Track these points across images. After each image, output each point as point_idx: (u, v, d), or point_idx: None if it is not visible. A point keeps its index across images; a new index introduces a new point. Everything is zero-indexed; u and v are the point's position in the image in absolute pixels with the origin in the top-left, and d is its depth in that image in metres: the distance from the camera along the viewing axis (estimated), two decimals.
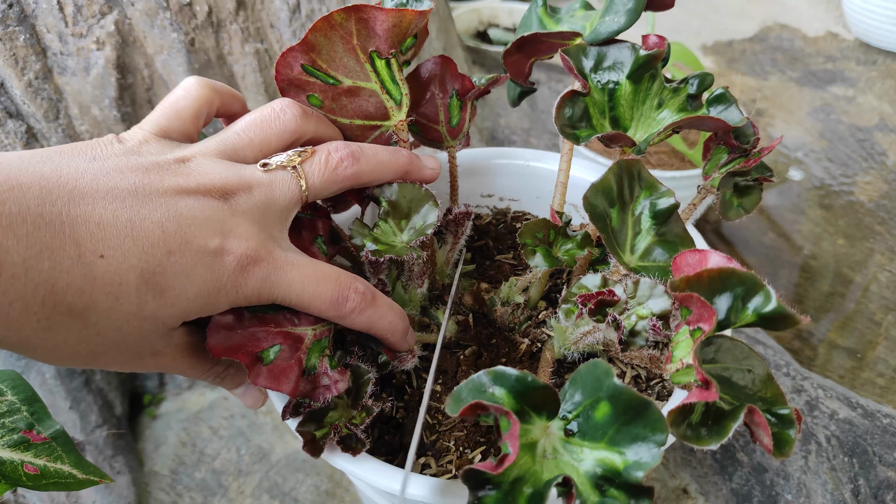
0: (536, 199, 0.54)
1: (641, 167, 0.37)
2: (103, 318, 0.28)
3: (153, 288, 0.28)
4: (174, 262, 0.29)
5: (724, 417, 0.28)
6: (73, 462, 0.37)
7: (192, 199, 0.30)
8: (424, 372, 0.42)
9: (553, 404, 0.28)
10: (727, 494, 0.59)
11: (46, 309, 0.26)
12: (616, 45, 0.39)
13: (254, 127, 0.35)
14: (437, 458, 0.37)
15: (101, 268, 0.27)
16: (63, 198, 0.27)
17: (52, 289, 0.26)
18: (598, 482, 0.26)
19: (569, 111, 0.38)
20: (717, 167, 0.40)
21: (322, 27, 0.36)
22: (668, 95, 0.39)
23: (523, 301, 0.43)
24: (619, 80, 0.39)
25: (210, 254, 0.30)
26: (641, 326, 0.32)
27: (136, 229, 0.28)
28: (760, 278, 0.27)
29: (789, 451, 0.27)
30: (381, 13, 0.36)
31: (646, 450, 0.25)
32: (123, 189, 0.29)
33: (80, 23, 0.60)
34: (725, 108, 0.38)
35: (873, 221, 0.95)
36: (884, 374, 0.75)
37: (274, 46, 0.70)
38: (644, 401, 0.26)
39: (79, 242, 0.27)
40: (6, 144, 0.62)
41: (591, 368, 0.27)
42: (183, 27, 0.64)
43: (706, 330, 0.27)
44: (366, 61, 0.38)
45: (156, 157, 0.31)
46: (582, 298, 0.34)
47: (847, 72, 1.28)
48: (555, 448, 0.28)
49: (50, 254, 0.26)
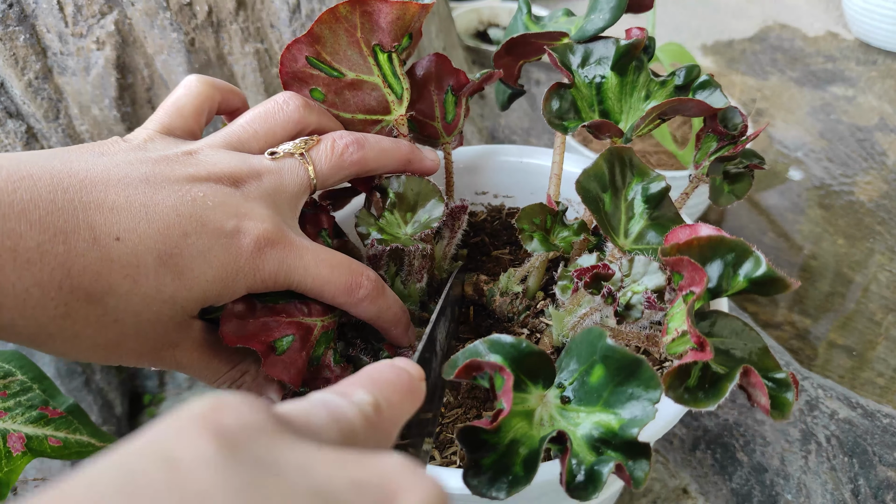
0: (531, 195, 0.54)
1: (632, 154, 0.38)
2: (122, 303, 0.27)
3: (171, 269, 0.28)
4: (191, 244, 0.29)
5: (721, 379, 0.28)
6: (90, 432, 0.40)
7: (204, 186, 0.30)
8: None
9: (549, 372, 0.28)
10: (727, 494, 0.60)
11: (63, 294, 0.26)
12: (601, 41, 0.40)
13: (258, 119, 0.35)
14: (440, 449, 0.38)
15: (118, 250, 0.27)
16: (74, 186, 0.27)
17: (68, 273, 0.26)
18: (595, 444, 0.26)
19: (556, 103, 0.39)
20: (706, 155, 0.41)
21: (327, 19, 0.36)
22: (655, 87, 0.40)
23: (521, 291, 0.43)
24: (605, 74, 0.39)
25: (227, 235, 0.30)
26: (636, 300, 0.32)
27: (151, 212, 0.28)
28: (749, 244, 0.28)
29: (787, 412, 0.28)
30: (386, 5, 0.36)
31: (640, 407, 0.26)
32: (135, 178, 0.29)
33: (80, 23, 0.60)
34: (710, 94, 0.38)
35: (873, 221, 0.95)
36: (884, 374, 0.75)
37: (274, 46, 0.70)
38: (636, 358, 0.26)
39: (93, 226, 0.26)
40: (6, 144, 0.62)
41: (586, 334, 0.28)
42: (183, 27, 0.64)
43: (697, 292, 0.27)
44: (369, 55, 0.38)
45: (163, 152, 0.31)
46: (577, 272, 0.34)
47: (847, 72, 1.28)
48: (551, 416, 0.28)
49: (64, 238, 0.26)
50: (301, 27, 0.70)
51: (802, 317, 0.83)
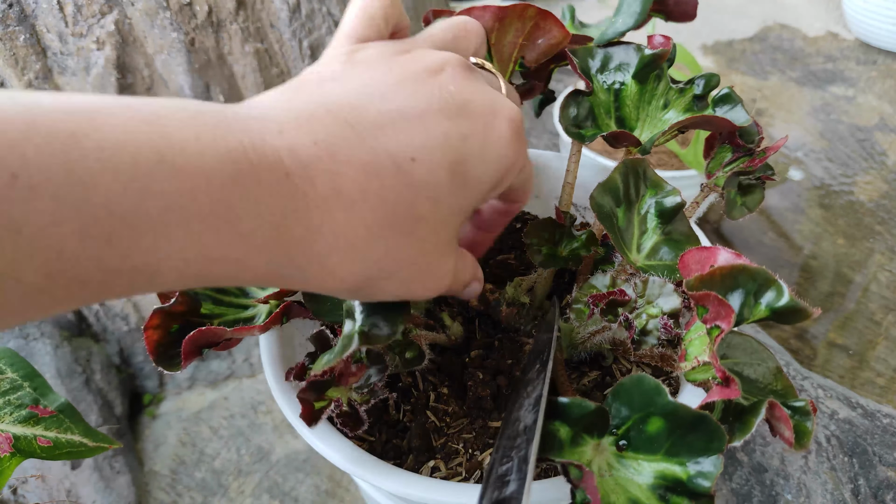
0: (535, 198, 0.54)
1: (647, 166, 0.37)
2: (426, 229, 0.26)
3: (460, 179, 0.27)
4: (469, 146, 0.27)
5: (745, 413, 0.28)
6: (82, 432, 0.38)
7: (445, 77, 0.28)
8: (430, 375, 0.42)
9: (603, 422, 0.28)
10: (727, 494, 0.59)
11: (384, 230, 0.25)
12: (622, 46, 0.39)
13: (453, 28, 0.33)
14: (446, 460, 0.37)
15: (418, 172, 0.25)
16: (353, 116, 0.25)
17: (386, 206, 0.24)
18: (661, 493, 0.26)
19: (573, 111, 0.38)
20: (720, 166, 0.40)
21: (517, 11, 0.36)
22: (673, 96, 0.39)
23: (528, 301, 0.43)
24: (624, 81, 0.39)
25: (493, 128, 0.28)
26: (653, 325, 0.32)
27: (427, 122, 0.26)
28: (771, 273, 0.27)
29: (808, 442, 0.27)
30: (557, 28, 0.36)
31: (707, 459, 0.26)
32: (390, 89, 0.27)
33: (80, 22, 0.60)
34: (731, 108, 0.38)
35: (873, 221, 0.95)
36: (884, 374, 0.75)
37: (274, 46, 0.70)
38: (700, 415, 0.26)
39: (389, 152, 0.25)
40: None
41: (637, 384, 0.27)
42: (183, 27, 0.64)
43: (725, 328, 0.27)
44: (511, 61, 0.38)
45: (386, 58, 0.29)
46: (593, 299, 0.34)
47: (847, 72, 1.28)
48: (609, 464, 0.28)
49: (375, 172, 0.24)
50: (301, 27, 0.70)
51: None
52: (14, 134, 0.17)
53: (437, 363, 0.42)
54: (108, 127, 0.19)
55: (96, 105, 0.19)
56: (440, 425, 0.39)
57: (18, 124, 0.17)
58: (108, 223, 0.18)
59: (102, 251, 0.18)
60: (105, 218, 0.18)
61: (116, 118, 0.19)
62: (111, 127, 0.19)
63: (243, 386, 0.77)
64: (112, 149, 0.18)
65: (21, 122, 0.17)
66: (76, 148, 0.18)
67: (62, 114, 0.18)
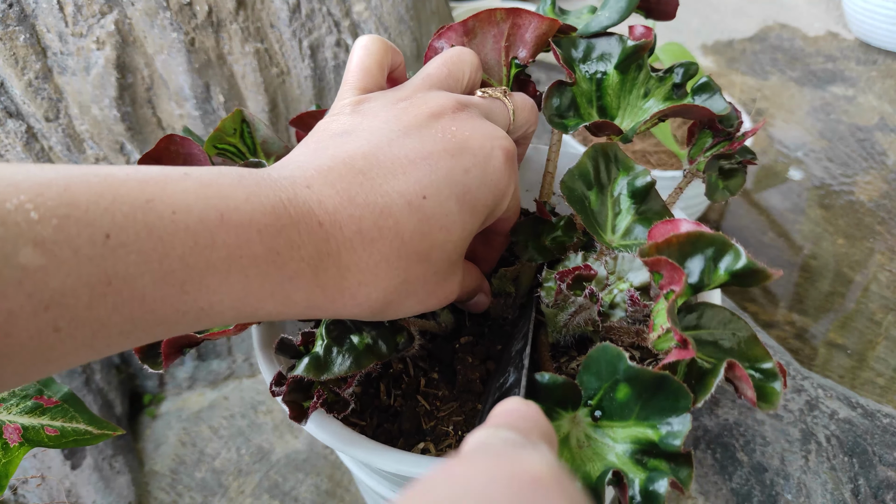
0: (526, 192, 0.54)
1: (617, 149, 0.38)
2: (440, 254, 0.30)
3: (468, 208, 0.30)
4: (473, 177, 0.30)
5: (706, 375, 0.28)
6: (87, 420, 0.40)
7: (447, 121, 0.31)
8: (421, 361, 0.43)
9: (575, 395, 0.29)
10: (727, 494, 0.60)
11: (402, 261, 0.28)
12: (605, 37, 0.40)
13: (448, 63, 0.36)
14: (436, 442, 0.38)
15: (430, 207, 0.28)
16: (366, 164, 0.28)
17: (402, 241, 0.28)
18: (638, 457, 0.27)
19: (556, 101, 0.39)
20: (701, 151, 0.41)
21: (484, 18, 0.38)
22: (654, 85, 0.40)
23: (514, 291, 0.43)
24: (606, 70, 0.40)
25: (492, 157, 0.31)
26: (620, 298, 0.32)
27: (433, 162, 0.29)
28: (728, 237, 0.28)
29: (776, 402, 0.28)
30: (537, 19, 0.38)
31: (676, 419, 0.26)
32: (397, 136, 0.30)
33: (80, 22, 0.60)
34: (710, 97, 0.38)
35: (873, 221, 0.95)
36: (884, 374, 0.75)
37: (274, 46, 0.70)
38: (661, 375, 0.26)
39: (401, 192, 0.28)
40: (6, 144, 0.62)
41: (602, 353, 0.28)
42: (183, 27, 0.64)
43: (677, 290, 0.27)
44: (505, 64, 0.40)
45: (387, 106, 0.32)
46: (560, 274, 0.34)
47: (847, 71, 1.28)
48: (587, 435, 0.29)
49: (389, 210, 0.27)
50: (301, 27, 0.70)
51: (802, 316, 0.83)
52: (105, 202, 0.21)
53: (428, 349, 0.43)
54: (177, 193, 0.22)
55: (161, 175, 0.23)
56: (430, 409, 0.40)
57: (106, 195, 0.21)
58: (182, 272, 0.22)
59: (177, 296, 0.22)
60: (180, 269, 0.22)
61: (180, 185, 0.23)
62: (180, 193, 0.22)
63: (243, 386, 0.77)
64: (183, 211, 0.22)
65: (108, 193, 0.21)
66: (153, 211, 0.21)
67: (136, 183, 0.22)
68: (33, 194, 0.19)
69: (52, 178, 0.20)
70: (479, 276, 0.39)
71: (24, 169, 0.20)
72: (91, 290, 0.20)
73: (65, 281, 0.19)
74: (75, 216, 0.20)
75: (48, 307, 0.19)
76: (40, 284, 0.19)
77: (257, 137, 0.44)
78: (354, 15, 0.74)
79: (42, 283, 0.19)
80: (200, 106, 0.68)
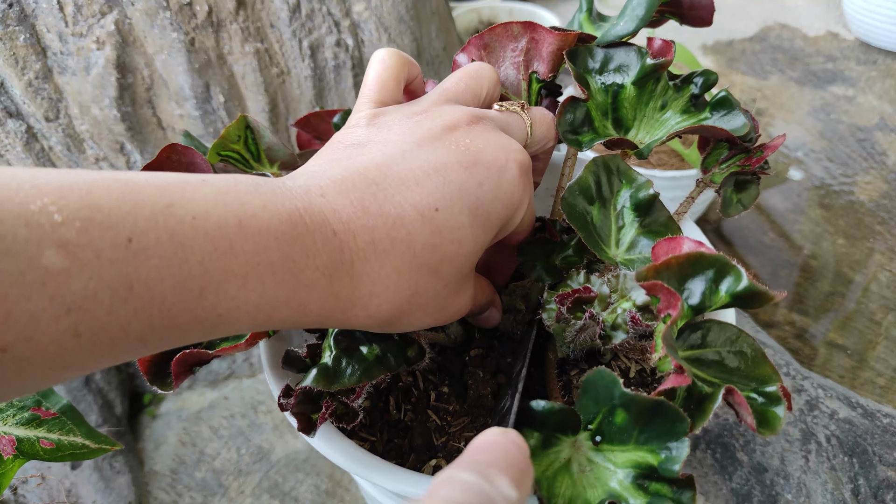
0: (550, 197, 0.54)
1: (620, 161, 0.37)
2: (451, 267, 0.29)
3: (481, 220, 0.30)
4: (486, 190, 0.30)
5: (705, 400, 0.28)
6: (85, 433, 0.39)
7: (461, 133, 0.31)
8: (431, 374, 0.42)
9: (574, 420, 0.28)
10: (727, 494, 0.59)
11: (414, 273, 0.28)
12: (623, 48, 0.39)
13: (465, 78, 0.36)
14: (448, 459, 0.37)
15: (442, 219, 0.28)
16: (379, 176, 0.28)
17: (414, 253, 0.28)
18: (640, 482, 0.26)
19: (570, 116, 0.38)
20: (717, 163, 0.40)
21: (500, 33, 0.38)
22: (671, 96, 0.39)
23: (524, 307, 0.43)
24: (623, 83, 0.39)
25: (506, 170, 0.31)
26: (622, 319, 0.32)
27: (445, 174, 0.29)
28: (729, 259, 0.27)
29: (777, 427, 0.27)
30: (550, 35, 0.37)
31: (674, 444, 0.26)
32: (410, 148, 0.30)
33: (80, 22, 0.60)
34: (728, 113, 0.37)
35: (873, 221, 0.95)
36: (884, 374, 0.75)
37: (274, 46, 0.70)
38: (656, 401, 0.26)
39: (414, 204, 0.28)
40: (6, 144, 0.62)
41: (598, 377, 0.28)
42: (183, 27, 0.64)
43: (674, 315, 0.27)
44: (524, 79, 0.39)
45: (403, 119, 0.32)
46: (559, 298, 0.34)
47: (847, 72, 1.28)
48: (588, 459, 0.28)
49: (401, 222, 0.27)
50: (301, 27, 0.70)
51: (802, 317, 0.83)
52: (127, 206, 0.21)
53: (438, 362, 0.42)
54: (197, 199, 0.22)
55: (180, 180, 0.23)
56: (441, 424, 0.39)
57: (128, 199, 0.21)
58: (202, 278, 0.22)
59: (195, 302, 0.22)
60: (199, 274, 0.22)
61: (200, 191, 0.23)
62: (199, 198, 0.22)
63: (243, 386, 0.77)
64: (202, 217, 0.22)
65: (129, 197, 0.21)
66: (174, 216, 0.21)
67: (156, 188, 0.22)
68: (56, 197, 0.19)
69: (73, 182, 0.20)
70: (491, 290, 0.39)
71: (46, 172, 0.20)
72: (113, 294, 0.20)
73: (87, 284, 0.19)
74: (98, 219, 0.20)
75: (70, 311, 0.19)
76: (63, 288, 0.19)
77: (261, 144, 0.43)
78: (354, 15, 0.73)
79: (64, 287, 0.19)
80: (200, 106, 0.68)
